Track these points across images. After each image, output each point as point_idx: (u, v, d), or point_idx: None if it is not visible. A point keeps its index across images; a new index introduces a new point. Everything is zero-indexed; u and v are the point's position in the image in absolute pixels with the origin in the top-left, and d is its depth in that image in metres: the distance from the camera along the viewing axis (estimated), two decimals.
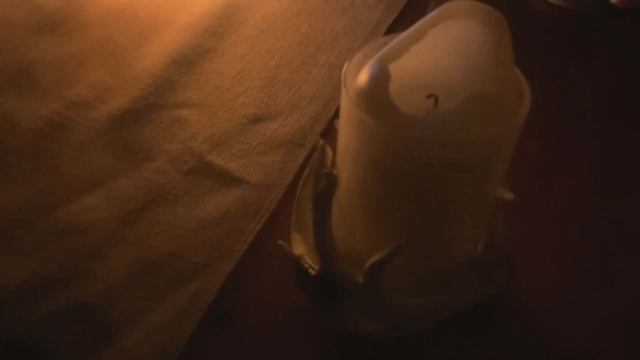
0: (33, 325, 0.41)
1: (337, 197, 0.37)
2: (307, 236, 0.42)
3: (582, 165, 0.53)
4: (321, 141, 0.43)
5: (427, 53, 0.33)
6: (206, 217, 0.47)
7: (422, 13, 0.33)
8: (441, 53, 0.34)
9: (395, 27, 0.65)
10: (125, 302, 0.42)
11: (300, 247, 0.42)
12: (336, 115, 0.51)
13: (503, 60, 0.32)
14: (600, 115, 0.57)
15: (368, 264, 0.36)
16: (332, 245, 0.38)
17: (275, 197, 0.49)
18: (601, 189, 0.51)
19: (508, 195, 0.36)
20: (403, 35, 0.33)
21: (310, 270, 0.40)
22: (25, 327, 0.41)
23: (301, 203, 0.44)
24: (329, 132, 0.53)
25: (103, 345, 0.40)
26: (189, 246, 0.45)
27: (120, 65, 0.59)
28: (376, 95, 0.31)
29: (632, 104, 0.59)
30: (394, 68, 0.32)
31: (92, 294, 0.42)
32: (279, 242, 0.41)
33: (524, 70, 0.34)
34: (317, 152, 0.42)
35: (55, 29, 0.63)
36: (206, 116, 0.55)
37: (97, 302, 0.42)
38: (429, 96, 0.35)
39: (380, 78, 0.31)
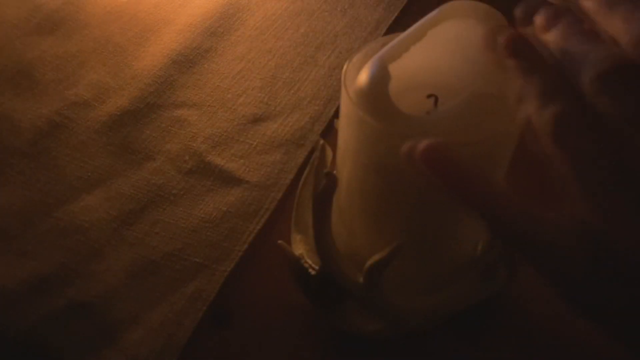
0: (33, 325, 0.41)
1: (337, 197, 0.37)
2: (307, 236, 0.42)
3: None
4: (321, 141, 0.43)
5: (427, 53, 0.33)
6: (206, 217, 0.47)
7: (422, 13, 0.33)
8: (441, 53, 0.34)
9: (395, 27, 0.65)
10: (125, 302, 0.42)
11: (300, 247, 0.42)
12: (336, 115, 0.51)
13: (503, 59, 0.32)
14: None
15: (368, 264, 0.36)
16: (332, 245, 0.38)
17: (275, 197, 0.49)
18: None
19: None
20: (403, 35, 0.33)
21: (310, 270, 0.40)
22: (25, 327, 0.41)
23: (301, 203, 0.44)
24: (329, 132, 0.53)
25: (103, 345, 0.40)
26: (189, 246, 0.45)
27: (120, 65, 0.59)
28: (376, 95, 0.31)
29: None
30: (394, 68, 0.32)
31: (92, 294, 0.42)
32: (279, 242, 0.41)
33: None
34: (317, 152, 0.42)
35: (55, 28, 0.63)
36: (206, 116, 0.55)
37: (97, 302, 0.42)
38: (429, 96, 0.35)
39: (380, 78, 0.31)
